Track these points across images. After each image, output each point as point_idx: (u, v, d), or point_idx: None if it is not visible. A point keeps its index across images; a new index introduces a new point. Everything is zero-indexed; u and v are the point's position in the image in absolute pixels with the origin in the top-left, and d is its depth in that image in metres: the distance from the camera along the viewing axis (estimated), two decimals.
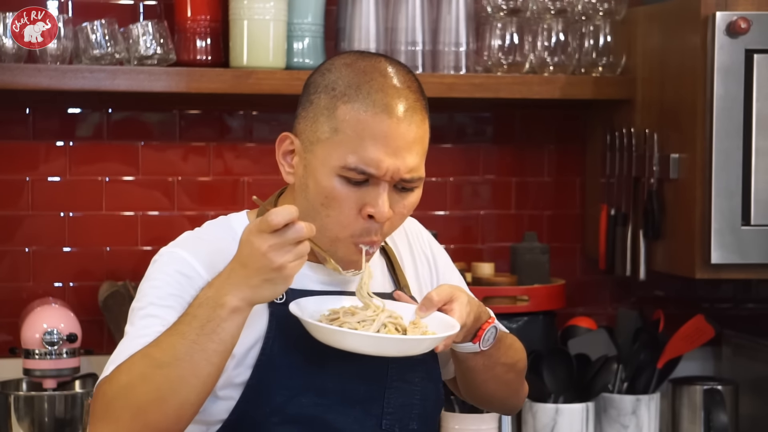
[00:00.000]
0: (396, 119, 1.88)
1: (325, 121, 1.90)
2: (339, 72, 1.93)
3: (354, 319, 1.89)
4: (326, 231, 1.91)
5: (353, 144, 1.88)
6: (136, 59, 2.94)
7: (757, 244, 2.81)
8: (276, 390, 1.91)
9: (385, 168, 1.88)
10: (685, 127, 2.89)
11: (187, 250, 1.96)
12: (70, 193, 3.15)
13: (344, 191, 1.90)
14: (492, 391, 2.15)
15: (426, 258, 2.16)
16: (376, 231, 1.92)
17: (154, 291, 1.93)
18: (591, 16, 3.13)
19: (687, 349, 3.12)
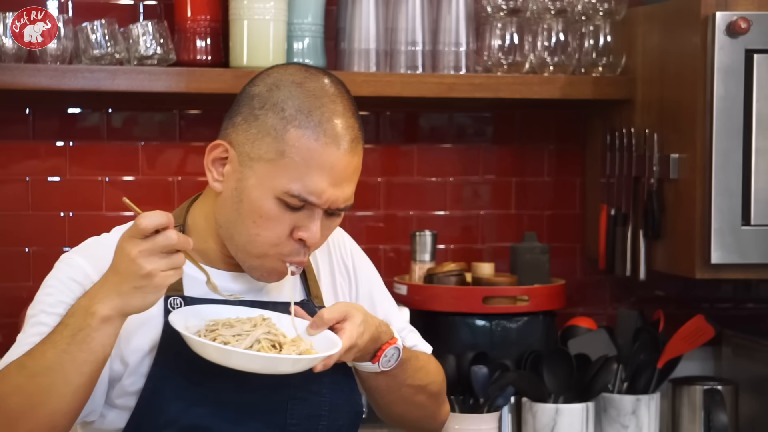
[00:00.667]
0: (343, 151, 1.88)
1: (272, 141, 1.87)
2: (288, 91, 1.89)
3: (230, 332, 1.85)
4: (254, 247, 1.90)
5: (300, 171, 1.86)
6: (136, 59, 2.94)
7: (757, 244, 2.81)
8: (170, 400, 1.88)
9: (326, 198, 1.87)
10: (685, 127, 2.89)
11: (84, 256, 1.94)
12: (70, 193, 3.15)
13: (279, 214, 1.88)
14: (402, 412, 2.11)
15: (346, 269, 2.13)
16: (304, 252, 1.91)
17: (46, 298, 1.91)
18: (591, 16, 3.13)
19: (687, 349, 3.12)
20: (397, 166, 3.31)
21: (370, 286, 2.16)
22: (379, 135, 3.30)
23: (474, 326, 3.07)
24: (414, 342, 2.17)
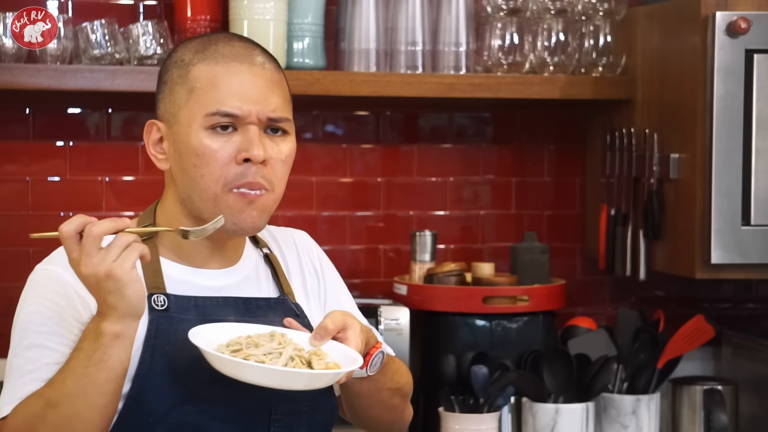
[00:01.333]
0: (248, 64, 1.93)
1: (181, 88, 1.93)
2: (184, 47, 1.97)
3: (259, 351, 1.84)
4: (204, 192, 1.90)
5: (211, 94, 1.90)
6: (136, 59, 2.94)
7: (757, 244, 2.81)
8: (157, 399, 1.88)
9: (247, 108, 1.90)
10: (685, 127, 2.89)
11: (60, 265, 1.89)
12: (70, 193, 3.15)
13: (214, 143, 1.90)
14: (376, 415, 2.12)
15: (315, 270, 2.14)
16: (254, 174, 1.90)
17: (33, 317, 1.88)
18: (591, 16, 3.13)
19: (687, 349, 3.12)
20: (397, 166, 3.31)
21: (336, 287, 2.17)
22: (379, 135, 3.30)
23: (474, 326, 3.07)
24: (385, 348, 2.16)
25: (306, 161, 3.25)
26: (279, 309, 2.01)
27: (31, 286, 1.92)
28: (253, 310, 1.99)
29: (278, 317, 1.98)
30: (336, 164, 3.25)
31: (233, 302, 1.97)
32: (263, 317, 1.98)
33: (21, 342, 1.88)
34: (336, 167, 3.25)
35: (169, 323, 1.90)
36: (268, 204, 1.95)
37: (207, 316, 1.93)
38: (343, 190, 3.27)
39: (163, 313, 1.91)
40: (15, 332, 1.90)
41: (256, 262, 2.06)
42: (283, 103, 1.95)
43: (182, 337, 1.86)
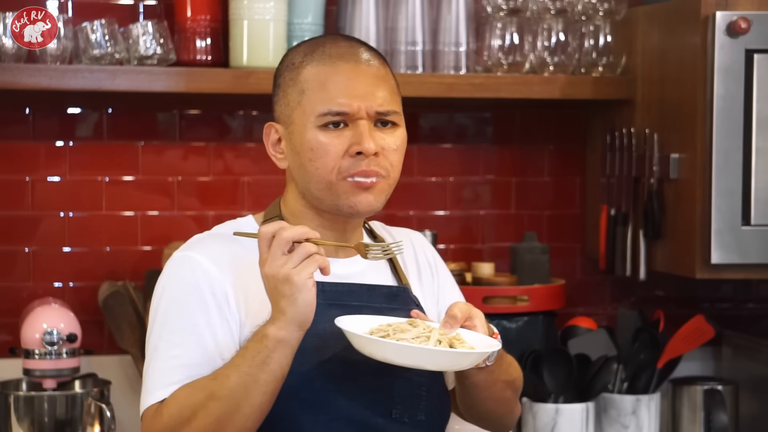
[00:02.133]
0: (353, 62, 2.03)
1: (293, 90, 2.04)
2: (293, 52, 2.09)
3: (408, 335, 1.92)
4: (320, 183, 2.01)
5: (320, 95, 2.01)
6: (136, 59, 2.94)
7: (757, 244, 2.81)
8: (290, 375, 1.94)
9: (356, 105, 2.00)
10: (685, 127, 2.89)
11: (197, 251, 2.02)
12: (70, 193, 3.15)
13: (327, 138, 2.00)
14: (491, 408, 2.17)
15: (429, 266, 2.23)
16: (367, 163, 2.00)
17: (174, 302, 1.99)
18: (591, 16, 3.13)
19: (687, 349, 3.12)
20: None
21: (450, 285, 2.25)
22: None
23: None
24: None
25: None
26: (401, 297, 2.11)
27: (170, 272, 2.03)
28: (376, 297, 2.09)
29: (400, 304, 2.09)
30: None
31: (358, 288, 2.07)
32: (386, 304, 2.08)
33: (164, 327, 1.98)
34: None
35: None
36: (384, 188, 2.04)
37: (334, 300, 2.04)
38: None
39: None
40: (157, 317, 2.00)
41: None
42: (389, 97, 2.04)
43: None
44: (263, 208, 3.27)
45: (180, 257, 2.03)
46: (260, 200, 3.22)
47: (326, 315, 2.00)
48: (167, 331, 1.98)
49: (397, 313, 2.05)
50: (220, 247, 2.03)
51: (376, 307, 2.06)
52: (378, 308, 2.06)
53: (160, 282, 2.03)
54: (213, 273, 1.99)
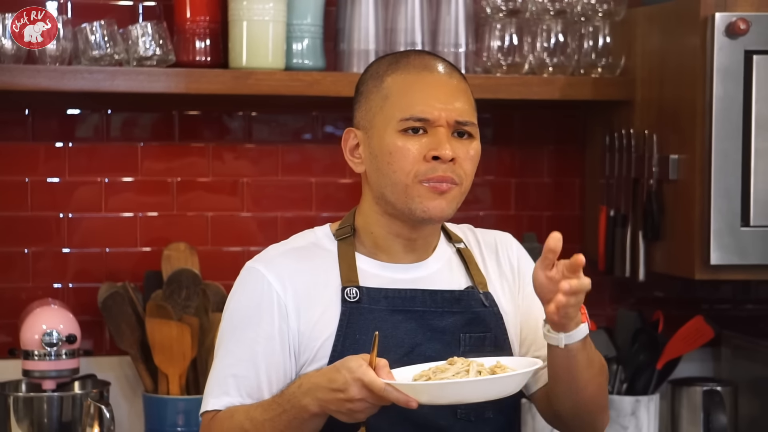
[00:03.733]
0: (437, 73, 2.12)
1: (376, 96, 2.12)
2: (378, 63, 2.18)
3: (448, 374, 1.95)
4: (396, 186, 2.08)
5: (404, 100, 2.08)
6: (136, 60, 2.94)
7: (756, 245, 2.81)
8: None
9: (437, 113, 2.07)
10: (684, 128, 2.89)
11: (263, 263, 2.13)
12: (69, 194, 3.15)
13: (406, 143, 2.07)
14: (591, 395, 2.15)
15: (512, 268, 2.26)
16: (444, 169, 2.07)
17: (235, 313, 2.12)
18: (590, 17, 3.13)
19: (686, 350, 3.13)
20: None
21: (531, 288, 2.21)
22: None
23: None
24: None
25: (305, 162, 3.25)
26: (465, 300, 2.15)
27: (237, 282, 2.15)
28: (438, 301, 2.14)
29: (462, 308, 2.15)
30: (335, 165, 3.24)
31: (420, 294, 2.13)
32: (448, 308, 2.13)
33: (224, 335, 2.12)
34: (335, 168, 3.25)
35: (360, 314, 2.09)
36: (456, 196, 2.11)
37: (396, 306, 2.11)
38: (342, 191, 3.27)
39: (355, 305, 2.09)
40: (222, 325, 2.14)
41: (450, 257, 2.21)
42: (468, 109, 2.12)
43: (372, 326, 2.06)
44: (263, 210, 3.30)
45: (249, 269, 2.14)
46: (259, 201, 3.22)
47: (389, 321, 2.10)
48: (226, 339, 2.11)
49: (462, 315, 2.12)
50: (289, 261, 2.12)
51: (438, 312, 2.12)
52: (440, 312, 2.12)
53: (232, 291, 2.15)
54: (277, 288, 2.09)
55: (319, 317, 2.09)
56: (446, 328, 2.12)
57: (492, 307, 2.17)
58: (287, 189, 3.25)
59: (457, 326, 2.12)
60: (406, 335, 2.09)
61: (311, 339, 2.08)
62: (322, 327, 2.08)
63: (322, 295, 2.09)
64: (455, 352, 2.09)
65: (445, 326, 2.12)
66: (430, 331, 2.11)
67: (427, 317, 2.11)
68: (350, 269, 2.12)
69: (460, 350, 2.10)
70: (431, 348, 2.09)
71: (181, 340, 2.94)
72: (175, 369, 2.97)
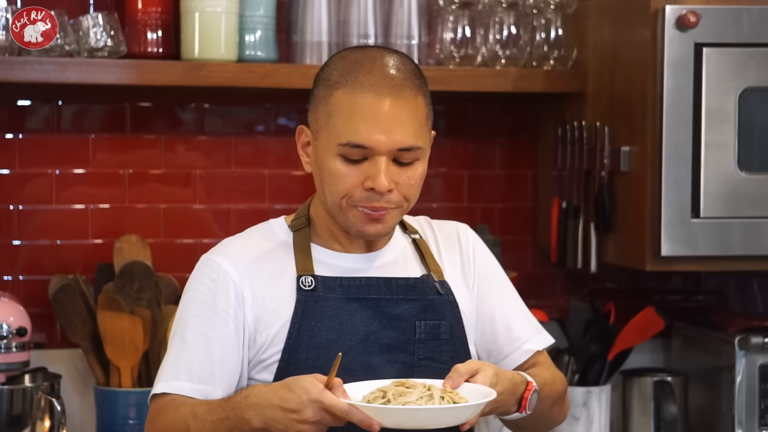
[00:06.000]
0: (382, 96, 2.03)
1: (323, 108, 2.07)
2: (334, 65, 2.10)
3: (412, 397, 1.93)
4: (333, 204, 2.07)
5: (345, 123, 2.03)
6: (87, 51, 2.92)
7: (706, 236, 2.83)
8: (303, 370, 1.98)
9: (375, 140, 2.02)
10: (635, 120, 2.91)
11: (222, 255, 2.13)
12: (19, 186, 3.12)
13: (345, 169, 2.04)
14: (544, 427, 2.24)
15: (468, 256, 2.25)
16: (378, 199, 2.04)
17: (190, 301, 2.11)
18: (542, 10, 3.14)
19: (637, 341, 3.15)
20: None
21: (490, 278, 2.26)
22: None
23: None
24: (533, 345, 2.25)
25: (258, 154, 3.24)
26: (420, 287, 2.15)
27: (194, 273, 2.14)
28: (393, 289, 2.14)
29: (417, 295, 2.14)
30: (288, 157, 3.24)
31: (375, 281, 2.13)
32: (403, 295, 2.13)
33: (179, 323, 2.11)
34: (288, 160, 3.24)
35: (315, 302, 2.09)
36: (395, 216, 2.10)
37: (351, 294, 2.11)
38: (295, 183, 3.26)
39: (310, 293, 2.09)
40: (177, 315, 2.13)
41: (405, 247, 2.21)
42: (415, 132, 2.05)
43: (327, 314, 2.08)
44: (215, 201, 3.28)
45: (205, 260, 2.13)
46: (212, 193, 3.21)
47: (344, 308, 2.10)
48: (181, 327, 2.10)
49: (417, 303, 2.12)
50: (245, 252, 2.12)
51: (394, 299, 2.12)
52: (395, 300, 2.12)
53: (188, 282, 2.14)
54: (233, 277, 2.09)
55: (275, 306, 2.09)
56: (402, 315, 2.12)
57: (447, 295, 2.17)
58: (240, 181, 3.24)
59: (413, 313, 2.12)
60: (362, 323, 2.10)
61: (266, 326, 2.08)
62: (278, 315, 2.08)
63: (278, 285, 2.10)
64: (411, 339, 2.10)
65: (401, 313, 2.12)
66: (386, 318, 2.11)
67: (383, 305, 2.11)
68: (305, 259, 2.12)
69: (415, 337, 2.10)
70: (387, 336, 2.09)
71: (132, 332, 2.93)
72: (126, 361, 2.95)
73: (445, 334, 2.13)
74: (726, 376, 3.08)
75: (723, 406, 3.09)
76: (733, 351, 3.04)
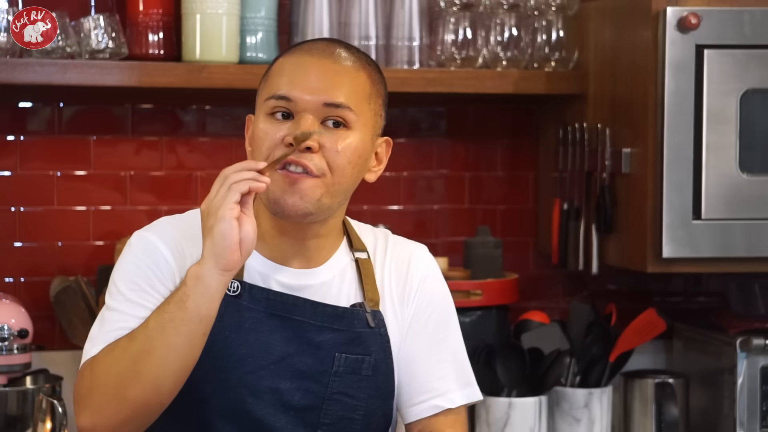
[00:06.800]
0: (319, 57, 1.94)
1: (263, 80, 1.99)
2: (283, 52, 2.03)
3: None
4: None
5: (275, 80, 1.94)
6: (88, 53, 2.92)
7: (707, 238, 2.83)
8: (205, 380, 1.91)
9: (299, 92, 1.91)
10: (636, 121, 2.91)
11: (154, 232, 2.00)
12: (21, 188, 3.12)
13: (269, 127, 1.92)
14: None
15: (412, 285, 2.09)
16: (297, 154, 1.89)
17: (122, 276, 1.97)
18: (544, 11, 3.14)
19: (638, 343, 3.14)
20: None
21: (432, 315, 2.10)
22: None
23: None
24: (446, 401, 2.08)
25: None
26: (348, 318, 2.01)
27: (126, 249, 2.01)
28: (319, 316, 2.00)
29: (344, 326, 2.00)
30: None
31: (302, 304, 1.99)
32: (328, 324, 1.99)
33: (111, 296, 1.96)
34: None
35: (236, 310, 1.95)
36: (314, 190, 1.91)
37: (276, 310, 1.97)
38: None
39: (233, 299, 1.95)
40: (109, 289, 1.98)
41: (344, 267, 2.05)
42: (348, 94, 1.92)
43: (245, 326, 1.95)
44: None
45: (137, 236, 2.01)
46: None
47: (266, 323, 1.96)
48: (113, 300, 1.95)
49: (342, 334, 1.99)
50: (178, 232, 1.99)
51: (317, 326, 1.99)
52: (319, 327, 1.99)
53: (120, 258, 2.01)
54: (164, 253, 1.96)
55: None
56: (323, 344, 1.98)
57: (378, 328, 2.02)
58: None
59: (335, 344, 1.98)
60: (279, 343, 1.96)
61: None
62: None
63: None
64: (327, 370, 1.97)
65: (322, 342, 1.98)
66: (305, 344, 1.97)
67: (305, 329, 1.97)
68: None
69: (332, 369, 1.98)
70: (302, 362, 1.96)
71: None
72: None
73: (366, 370, 2.00)
74: (727, 377, 3.08)
75: (724, 408, 3.09)
76: (735, 353, 3.04)
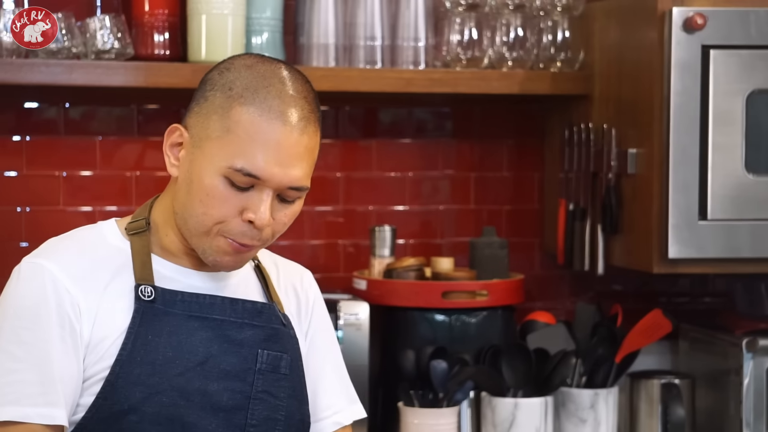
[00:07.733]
0: (290, 128, 1.87)
1: (218, 119, 1.88)
2: (238, 72, 1.91)
3: None
4: (201, 226, 1.90)
5: (244, 146, 1.86)
6: (93, 53, 2.93)
7: (713, 239, 2.83)
8: (134, 387, 1.88)
9: (270, 174, 1.86)
10: (642, 122, 2.91)
11: (48, 258, 1.92)
12: (26, 189, 3.12)
13: (226, 193, 1.87)
14: None
15: (307, 303, 2.12)
16: (252, 236, 1.90)
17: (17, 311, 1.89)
18: (549, 12, 3.14)
19: (644, 343, 3.14)
20: (357, 161, 3.31)
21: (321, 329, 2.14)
22: (338, 130, 3.30)
23: (433, 321, 3.08)
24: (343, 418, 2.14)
25: None
26: (266, 313, 2.01)
27: (17, 278, 1.92)
28: (239, 312, 1.99)
29: (264, 321, 2.00)
30: None
31: (220, 301, 1.97)
32: (248, 319, 1.99)
33: (4, 336, 1.88)
34: None
35: (154, 314, 1.91)
36: (253, 254, 1.97)
37: (193, 312, 1.95)
38: None
39: (149, 304, 1.92)
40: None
41: (247, 273, 2.06)
42: (306, 173, 1.91)
43: (166, 329, 1.91)
44: None
45: (31, 264, 1.92)
46: None
47: (184, 326, 1.94)
48: (6, 341, 1.87)
49: (262, 330, 1.98)
50: (77, 257, 1.92)
51: (238, 323, 1.97)
52: (239, 324, 1.98)
53: (6, 290, 1.91)
54: (66, 285, 1.89)
55: (110, 316, 1.90)
56: (244, 341, 1.96)
57: (289, 329, 2.03)
58: None
59: (256, 341, 1.98)
60: (201, 344, 1.93)
61: (101, 339, 1.89)
62: (113, 326, 1.89)
63: (114, 293, 1.90)
64: (251, 368, 1.96)
65: (244, 339, 1.96)
66: (227, 342, 1.95)
67: (225, 327, 1.95)
68: (144, 267, 1.93)
69: (256, 366, 1.96)
70: (226, 361, 1.94)
71: None
72: None
73: (284, 368, 2.00)
74: (733, 378, 3.07)
75: (730, 409, 3.09)
76: (741, 353, 3.04)
